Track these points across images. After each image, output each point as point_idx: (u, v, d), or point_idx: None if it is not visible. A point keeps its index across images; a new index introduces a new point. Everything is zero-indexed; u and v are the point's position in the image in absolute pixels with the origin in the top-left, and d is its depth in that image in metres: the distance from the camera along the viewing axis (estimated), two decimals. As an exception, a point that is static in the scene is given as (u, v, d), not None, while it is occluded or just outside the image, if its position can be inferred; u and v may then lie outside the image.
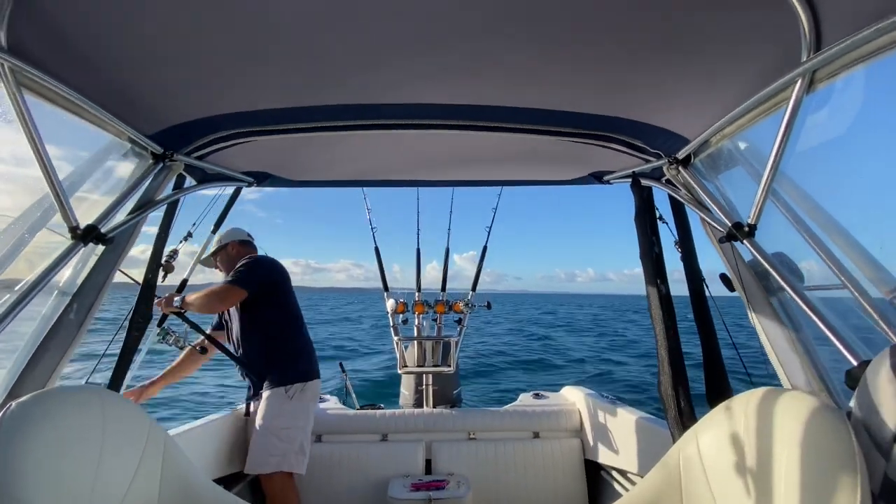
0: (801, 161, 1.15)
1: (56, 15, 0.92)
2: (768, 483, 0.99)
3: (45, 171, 1.11)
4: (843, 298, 1.07)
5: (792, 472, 0.92)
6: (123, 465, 1.29)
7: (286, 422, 2.14)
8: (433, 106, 1.39)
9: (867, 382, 0.88)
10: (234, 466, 2.30)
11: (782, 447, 0.97)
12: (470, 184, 2.33)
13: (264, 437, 2.11)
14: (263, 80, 1.23)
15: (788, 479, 0.93)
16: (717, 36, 0.98)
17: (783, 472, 0.95)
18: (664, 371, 1.57)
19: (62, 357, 1.32)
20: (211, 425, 2.20)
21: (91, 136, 1.31)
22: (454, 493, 2.24)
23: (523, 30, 0.99)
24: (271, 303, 2.25)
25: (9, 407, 1.09)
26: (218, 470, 2.16)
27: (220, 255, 2.41)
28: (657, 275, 1.65)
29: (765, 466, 1.01)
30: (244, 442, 2.39)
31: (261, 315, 2.24)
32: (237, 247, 2.43)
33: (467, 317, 3.19)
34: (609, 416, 2.47)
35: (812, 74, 0.96)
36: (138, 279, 1.75)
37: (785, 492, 0.93)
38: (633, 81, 1.21)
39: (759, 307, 1.34)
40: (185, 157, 1.60)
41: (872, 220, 1.16)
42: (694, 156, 1.52)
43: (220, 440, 2.25)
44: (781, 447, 0.98)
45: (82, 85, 1.13)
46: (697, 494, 1.20)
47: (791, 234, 1.19)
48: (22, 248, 1.22)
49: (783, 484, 0.94)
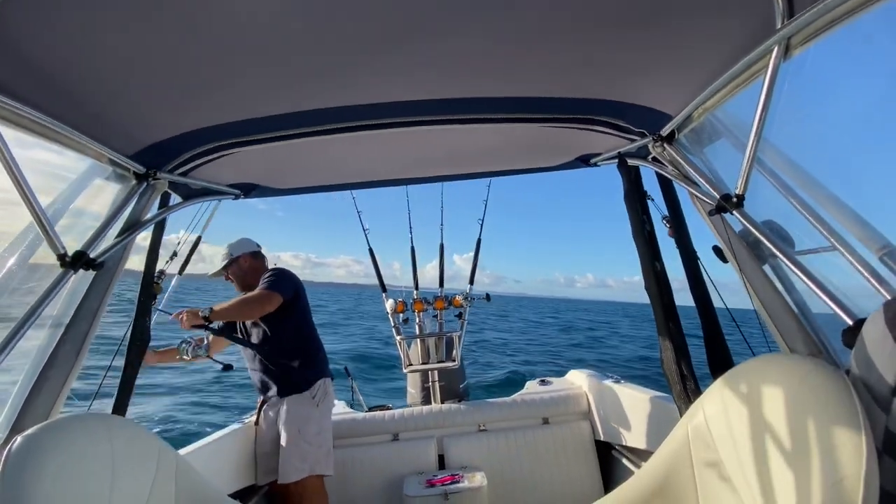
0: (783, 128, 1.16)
1: (24, 40, 0.90)
2: (775, 446, 1.00)
3: (27, 200, 1.09)
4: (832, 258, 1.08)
5: (798, 433, 0.94)
6: (136, 490, 1.28)
7: (315, 427, 2.18)
8: (413, 103, 1.39)
9: (863, 340, 0.89)
10: (248, 480, 2.30)
11: (786, 410, 0.99)
12: (457, 177, 2.32)
13: (296, 445, 2.11)
14: (240, 90, 1.21)
15: (795, 441, 0.95)
16: (692, 9, 0.98)
17: (789, 433, 0.97)
18: (666, 347, 1.58)
19: (63, 387, 1.31)
20: (220, 441, 2.19)
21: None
22: (469, 486, 2.26)
23: (496, 18, 0.99)
24: (298, 309, 2.29)
25: (14, 441, 1.08)
26: (232, 484, 2.16)
27: (233, 269, 2.39)
28: (651, 253, 1.66)
29: (771, 430, 1.02)
30: (255, 453, 2.39)
31: (289, 322, 2.25)
32: (249, 259, 2.41)
33: (467, 310, 3.20)
34: (616, 396, 2.49)
35: (787, 41, 0.96)
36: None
37: (792, 452, 0.95)
38: (612, 61, 1.21)
39: (752, 276, 1.35)
40: (169, 174, 1.58)
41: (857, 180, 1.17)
42: (678, 131, 1.52)
43: (232, 454, 2.24)
44: (785, 410, 0.99)
45: (56, 110, 1.10)
46: (707, 464, 1.22)
47: (779, 201, 1.20)
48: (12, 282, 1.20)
49: (790, 445, 0.96)
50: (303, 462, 2.10)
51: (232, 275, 2.40)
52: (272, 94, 1.26)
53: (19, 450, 1.07)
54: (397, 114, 1.46)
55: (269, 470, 2.29)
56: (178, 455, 1.46)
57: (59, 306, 1.37)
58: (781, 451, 0.98)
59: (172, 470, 1.40)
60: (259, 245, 2.48)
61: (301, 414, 2.18)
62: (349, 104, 1.36)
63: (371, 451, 2.55)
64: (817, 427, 0.90)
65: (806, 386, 0.96)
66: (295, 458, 2.10)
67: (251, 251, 2.42)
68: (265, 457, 2.30)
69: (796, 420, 0.96)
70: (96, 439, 1.24)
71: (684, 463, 1.29)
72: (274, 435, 2.26)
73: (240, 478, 2.24)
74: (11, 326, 1.13)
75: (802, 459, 0.91)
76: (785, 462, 0.97)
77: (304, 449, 2.12)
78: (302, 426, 2.15)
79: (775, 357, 1.13)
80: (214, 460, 2.09)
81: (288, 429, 2.15)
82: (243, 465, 2.30)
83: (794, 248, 1.22)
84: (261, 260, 2.46)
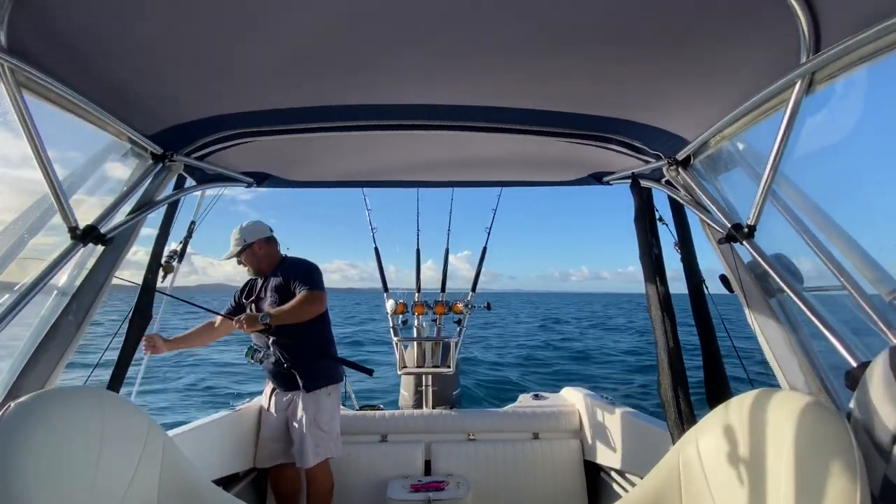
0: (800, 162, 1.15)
1: (56, 15, 0.92)
2: (767, 485, 0.99)
3: (45, 171, 1.11)
4: (840, 299, 1.07)
5: (791, 474, 0.92)
6: (122, 466, 1.29)
7: (328, 415, 2.32)
8: (434, 107, 1.39)
9: (866, 383, 0.88)
10: (235, 466, 2.30)
11: (781, 448, 0.97)
12: (470, 184, 2.33)
13: (312, 433, 2.25)
14: (264, 80, 1.23)
15: (787, 481, 0.93)
16: (717, 37, 0.98)
17: (782, 473, 0.95)
18: (664, 372, 1.56)
19: (61, 358, 1.32)
20: (210, 425, 2.19)
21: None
22: (454, 494, 2.24)
23: (524, 32, 0.99)
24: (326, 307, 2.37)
25: (7, 407, 1.09)
26: (218, 470, 2.16)
27: (246, 254, 2.39)
28: (657, 276, 1.65)
29: (764, 468, 1.01)
30: (247, 441, 2.40)
31: (317, 318, 2.27)
32: (263, 245, 2.41)
33: (467, 317, 3.19)
34: (608, 417, 2.47)
35: (811, 76, 0.96)
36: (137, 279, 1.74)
37: (784, 493, 0.93)
38: (633, 83, 1.21)
39: (757, 308, 1.34)
40: (185, 157, 1.60)
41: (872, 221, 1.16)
42: (693, 157, 1.52)
43: (220, 440, 2.24)
44: (780, 448, 0.98)
45: (82, 85, 1.12)
46: (697, 495, 1.20)
47: (790, 236, 1.19)
48: (21, 249, 1.22)
49: (782, 485, 0.94)
50: (317, 448, 2.25)
51: (245, 260, 2.41)
52: (294, 88, 1.27)
53: (10, 417, 1.08)
54: (415, 116, 1.47)
55: (271, 455, 2.36)
56: (166, 436, 1.47)
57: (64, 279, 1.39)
58: (772, 488, 0.97)
59: (159, 450, 1.41)
60: (271, 229, 2.48)
61: (316, 404, 2.29)
62: (368, 103, 1.37)
63: (358, 451, 2.54)
64: (811, 467, 0.88)
65: (803, 425, 0.95)
66: (310, 444, 2.24)
67: (265, 236, 2.41)
68: (269, 441, 2.37)
69: (790, 458, 0.94)
70: (87, 413, 1.25)
71: (673, 491, 1.27)
72: (282, 422, 2.36)
73: (227, 464, 2.24)
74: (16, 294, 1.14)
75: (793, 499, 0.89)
76: (774, 501, 0.95)
77: (319, 435, 2.26)
78: (317, 415, 2.28)
79: (773, 392, 1.12)
80: (202, 445, 2.10)
81: (305, 418, 2.27)
82: (231, 451, 2.30)
83: (803, 283, 1.21)
84: (274, 245, 2.46)
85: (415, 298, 3.32)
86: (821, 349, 1.21)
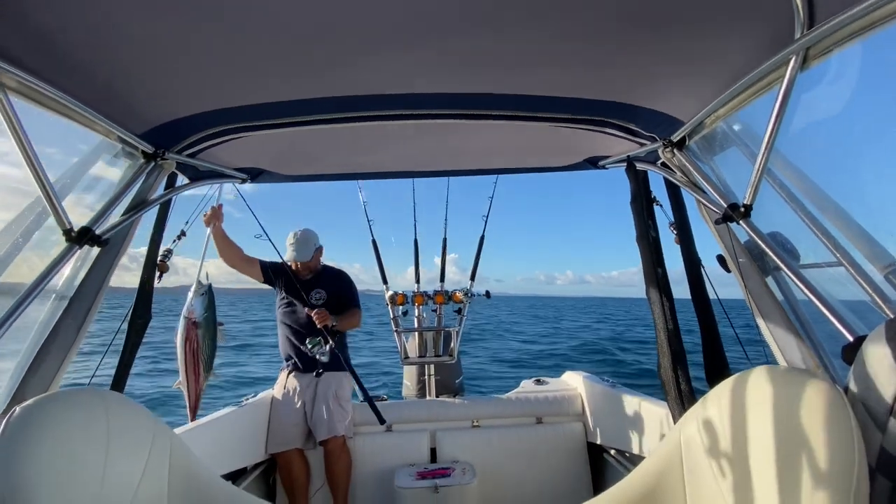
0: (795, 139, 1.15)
1: (39, 15, 0.90)
2: (767, 458, 1.00)
3: (36, 173, 1.09)
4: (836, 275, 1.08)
5: (790, 448, 0.94)
6: (130, 466, 1.30)
7: (347, 394, 2.59)
8: (426, 96, 1.38)
9: (863, 357, 0.89)
10: (244, 461, 2.33)
11: (780, 423, 0.99)
12: (465, 173, 2.32)
13: (337, 406, 2.51)
14: (253, 74, 1.21)
15: (787, 455, 0.95)
16: (709, 16, 0.97)
17: (782, 448, 0.97)
18: (663, 353, 1.58)
19: (63, 360, 1.32)
20: (217, 421, 2.21)
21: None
22: (460, 480, 2.28)
23: (515, 17, 0.98)
24: None
25: (13, 412, 1.10)
26: (226, 466, 2.18)
27: (316, 254, 2.68)
28: (654, 259, 1.65)
29: (764, 443, 1.02)
30: (254, 435, 2.43)
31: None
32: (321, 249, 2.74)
33: (467, 306, 3.21)
34: (610, 399, 2.50)
35: (806, 51, 0.95)
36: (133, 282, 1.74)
37: (783, 465, 0.95)
38: (626, 65, 1.20)
39: (754, 287, 1.35)
40: (177, 155, 1.58)
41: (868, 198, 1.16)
42: (689, 138, 1.51)
43: (228, 436, 2.26)
44: (780, 423, 0.99)
45: (68, 85, 1.11)
46: (698, 472, 1.22)
47: (787, 214, 1.19)
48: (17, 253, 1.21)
49: (781, 458, 0.96)
50: (339, 422, 2.47)
51: (313, 259, 2.65)
52: (284, 81, 1.25)
53: (17, 420, 1.08)
54: (408, 106, 1.45)
55: (284, 439, 2.45)
56: (173, 434, 1.48)
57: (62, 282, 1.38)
58: (772, 463, 0.98)
59: (167, 448, 1.42)
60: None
61: (335, 382, 2.55)
62: (361, 94, 1.35)
63: (364, 441, 2.57)
64: (810, 441, 0.90)
65: (801, 399, 0.96)
66: (334, 416, 2.47)
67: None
68: (284, 426, 2.48)
69: (789, 433, 0.95)
70: (93, 414, 1.25)
71: (675, 469, 1.29)
72: (300, 404, 2.53)
73: (233, 460, 2.27)
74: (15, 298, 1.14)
75: (793, 473, 0.91)
76: (775, 475, 0.97)
77: (339, 410, 2.50)
78: (337, 391, 2.54)
79: (772, 369, 1.13)
80: (209, 441, 2.11)
81: (330, 394, 2.51)
82: (238, 446, 2.32)
83: (799, 261, 1.22)
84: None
85: (415, 289, 3.33)
86: (817, 325, 1.22)
